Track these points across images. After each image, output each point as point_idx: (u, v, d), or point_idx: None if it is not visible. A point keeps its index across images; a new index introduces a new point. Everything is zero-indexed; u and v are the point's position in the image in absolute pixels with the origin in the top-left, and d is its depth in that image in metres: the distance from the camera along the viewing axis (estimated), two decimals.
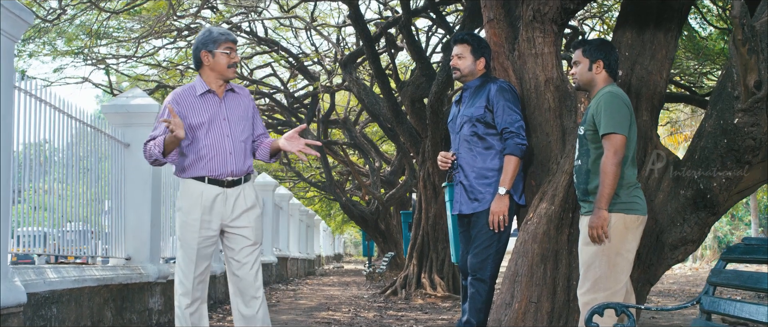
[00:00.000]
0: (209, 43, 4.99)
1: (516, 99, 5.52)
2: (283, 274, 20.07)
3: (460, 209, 5.61)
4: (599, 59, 4.84)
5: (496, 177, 5.46)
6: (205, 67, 5.03)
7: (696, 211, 5.19)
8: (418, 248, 13.41)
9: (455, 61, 5.67)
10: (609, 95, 4.70)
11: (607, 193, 4.57)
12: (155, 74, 19.98)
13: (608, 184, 4.56)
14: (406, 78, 17.21)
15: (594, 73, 4.86)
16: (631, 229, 4.64)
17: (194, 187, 5.01)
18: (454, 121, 5.75)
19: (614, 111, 4.62)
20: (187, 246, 5.01)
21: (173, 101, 4.98)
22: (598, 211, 4.59)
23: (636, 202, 4.69)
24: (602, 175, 4.58)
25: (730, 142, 4.89)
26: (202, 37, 5.03)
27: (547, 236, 5.35)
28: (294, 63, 18.41)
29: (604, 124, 4.62)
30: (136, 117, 8.55)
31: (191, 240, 4.99)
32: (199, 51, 5.01)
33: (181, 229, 5.03)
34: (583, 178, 4.80)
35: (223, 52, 4.99)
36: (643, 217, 4.71)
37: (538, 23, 5.67)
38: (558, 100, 5.68)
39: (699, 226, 5.20)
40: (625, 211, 4.64)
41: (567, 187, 5.38)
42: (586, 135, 4.78)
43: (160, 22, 14.91)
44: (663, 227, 5.30)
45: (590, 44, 4.90)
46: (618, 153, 4.57)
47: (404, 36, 13.34)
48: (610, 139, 4.60)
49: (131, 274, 7.91)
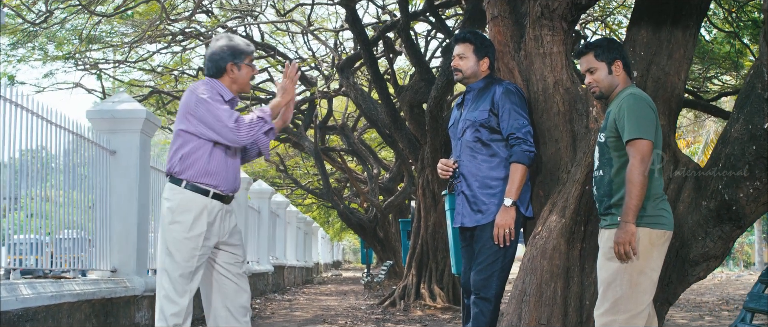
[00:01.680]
0: (237, 55, 4.80)
1: (523, 102, 5.10)
2: (279, 283, 19.84)
3: (462, 222, 5.18)
4: (617, 59, 4.44)
5: (502, 187, 5.03)
6: (226, 77, 4.82)
7: (720, 224, 4.77)
8: (417, 258, 13.21)
9: (457, 61, 5.24)
10: (632, 97, 4.29)
11: (635, 205, 4.15)
12: (149, 79, 19.70)
13: (635, 195, 4.14)
14: (404, 83, 17.04)
15: (615, 75, 4.45)
16: (656, 245, 4.24)
17: (197, 201, 4.71)
18: (455, 125, 5.33)
19: (639, 114, 4.22)
20: (183, 262, 4.70)
21: (214, 97, 4.68)
22: (625, 226, 4.18)
23: (662, 215, 4.28)
24: (628, 186, 4.17)
25: (759, 149, 4.49)
26: (228, 46, 4.80)
27: (558, 252, 4.91)
28: None
29: (629, 129, 4.21)
30: (122, 123, 8.25)
31: (190, 257, 4.70)
32: (226, 62, 4.78)
33: (178, 244, 4.70)
34: (605, 190, 4.39)
35: (248, 66, 4.84)
36: (669, 232, 4.30)
37: (547, 20, 5.23)
38: (568, 104, 5.23)
39: (722, 241, 4.77)
40: (650, 226, 4.23)
41: (579, 198, 4.96)
42: (608, 142, 4.37)
43: (152, 26, 14.62)
44: (683, 241, 4.87)
45: (599, 46, 4.49)
46: (645, 160, 4.16)
47: (403, 40, 13.18)
48: (635, 145, 4.19)
49: (116, 288, 7.55)
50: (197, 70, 18.10)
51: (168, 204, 4.74)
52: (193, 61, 19.14)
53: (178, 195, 4.71)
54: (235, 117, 4.61)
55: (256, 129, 4.68)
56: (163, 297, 4.70)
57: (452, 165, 5.25)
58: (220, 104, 4.65)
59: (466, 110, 5.23)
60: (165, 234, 4.75)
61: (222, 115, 4.60)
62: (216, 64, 4.80)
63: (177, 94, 19.00)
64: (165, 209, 4.76)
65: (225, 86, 4.80)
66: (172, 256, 4.70)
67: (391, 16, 15.72)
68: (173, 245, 4.70)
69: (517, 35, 5.46)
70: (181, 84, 19.73)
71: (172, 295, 4.68)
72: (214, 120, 4.61)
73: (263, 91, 20.37)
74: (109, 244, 8.06)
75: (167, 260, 4.71)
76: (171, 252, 4.70)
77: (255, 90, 19.98)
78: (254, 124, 4.67)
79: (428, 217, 13.02)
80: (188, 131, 4.69)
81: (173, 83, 19.28)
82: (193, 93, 4.68)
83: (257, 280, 16.12)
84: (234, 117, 4.61)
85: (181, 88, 19.66)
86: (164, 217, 4.77)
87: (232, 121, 4.59)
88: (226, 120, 4.59)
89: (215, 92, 4.71)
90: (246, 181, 15.17)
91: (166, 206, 4.75)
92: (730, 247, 4.85)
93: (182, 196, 4.70)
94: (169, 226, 4.72)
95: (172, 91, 19.10)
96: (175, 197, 4.72)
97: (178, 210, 4.70)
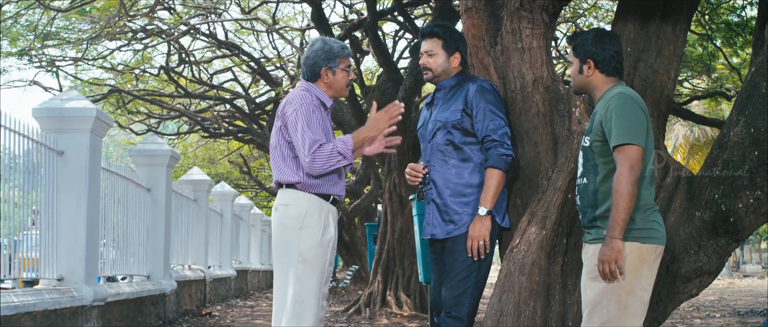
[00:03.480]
0: (331, 59, 4.72)
1: (499, 101, 4.66)
2: (242, 287, 19.44)
3: (432, 233, 4.73)
4: (589, 58, 4.00)
5: (476, 195, 4.58)
6: (321, 82, 4.75)
7: (715, 236, 4.35)
8: (383, 264, 12.94)
9: (425, 59, 4.79)
10: (620, 98, 3.86)
11: (622, 219, 3.72)
12: (110, 78, 19.22)
13: (623, 208, 3.71)
14: (371, 83, 16.77)
15: (585, 76, 4.03)
16: (647, 261, 3.81)
17: (321, 205, 4.65)
18: (424, 127, 4.89)
19: (627, 116, 3.79)
20: (320, 268, 4.61)
21: (313, 109, 4.62)
22: (611, 242, 3.75)
23: (653, 228, 3.85)
24: (615, 196, 3.74)
25: (761, 154, 4.10)
26: (322, 50, 4.72)
27: (538, 267, 4.47)
28: (256, 68, 17.83)
29: (616, 134, 3.78)
30: (71, 122, 7.78)
31: (324, 261, 4.63)
32: (320, 67, 4.72)
33: (314, 248, 4.60)
34: (589, 200, 3.95)
35: (344, 70, 4.76)
36: (661, 247, 3.87)
37: (526, 12, 4.78)
38: (548, 104, 4.79)
39: (717, 255, 4.35)
40: (640, 240, 3.80)
41: (560, 208, 4.52)
42: (593, 147, 3.94)
43: (110, 22, 14.16)
44: (674, 256, 4.45)
45: (582, 38, 4.06)
46: (635, 168, 3.72)
47: (370, 38, 12.91)
48: (624, 151, 3.76)
49: (61, 298, 7.07)
50: (159, 68, 17.64)
51: (293, 211, 4.63)
52: (155, 59, 18.69)
53: (301, 199, 4.63)
54: (315, 146, 4.52)
55: (331, 163, 4.55)
56: (307, 310, 4.56)
57: (422, 170, 4.81)
58: (312, 120, 4.56)
59: (437, 110, 4.79)
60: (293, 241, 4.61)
61: (305, 141, 4.53)
62: (311, 69, 4.74)
63: (138, 93, 18.55)
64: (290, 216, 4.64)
65: (323, 91, 4.74)
66: (306, 264, 4.58)
67: (358, 15, 15.43)
68: (308, 251, 4.59)
69: (492, 28, 4.99)
70: (142, 83, 19.30)
71: (312, 303, 4.57)
72: (298, 142, 4.56)
73: (227, 91, 19.95)
74: (56, 251, 7.58)
75: (304, 269, 4.58)
76: (304, 260, 4.58)
77: (219, 90, 19.59)
78: (331, 158, 4.55)
79: (395, 221, 12.78)
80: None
81: (134, 82, 18.80)
82: (291, 104, 4.62)
83: (219, 286, 15.72)
84: (314, 146, 4.52)
85: (142, 87, 19.26)
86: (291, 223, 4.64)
87: (311, 151, 4.51)
88: (305, 147, 4.53)
89: (314, 99, 4.66)
90: (207, 183, 14.72)
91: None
92: (724, 262, 4.44)
93: (309, 201, 4.64)
94: (299, 231, 4.60)
95: (132, 90, 18.61)
96: (298, 202, 4.63)
97: (305, 215, 4.62)
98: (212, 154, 27.58)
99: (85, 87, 18.84)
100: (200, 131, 21.82)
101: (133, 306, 9.44)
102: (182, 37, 16.42)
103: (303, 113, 4.55)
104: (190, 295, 13.03)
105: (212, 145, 26.68)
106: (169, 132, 24.21)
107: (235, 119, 21.63)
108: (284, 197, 4.67)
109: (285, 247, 4.63)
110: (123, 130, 21.88)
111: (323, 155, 4.50)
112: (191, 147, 26.49)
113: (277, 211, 4.69)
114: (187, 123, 21.92)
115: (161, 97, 19.26)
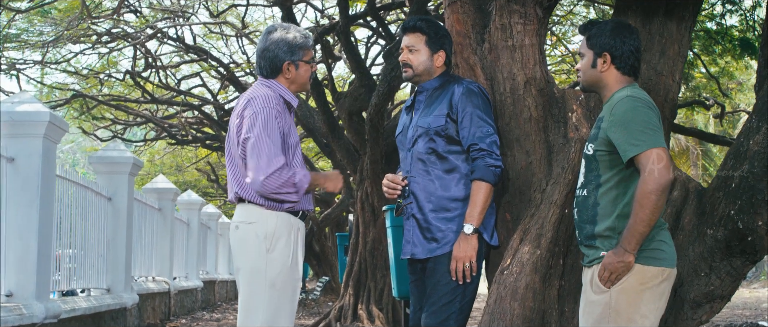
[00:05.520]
0: (294, 51, 4.20)
1: (488, 106, 4.20)
2: (210, 299, 19.04)
3: (412, 252, 4.27)
4: (605, 52, 3.55)
5: (461, 210, 4.13)
6: (282, 77, 4.23)
7: (729, 257, 3.93)
8: (354, 276, 12.57)
9: (405, 55, 4.32)
10: (629, 101, 3.40)
11: (640, 232, 3.27)
12: (73, 82, 18.73)
13: (642, 220, 3.25)
14: (343, 90, 16.48)
15: (599, 71, 3.57)
16: (650, 286, 3.35)
17: (290, 223, 4.16)
18: (404, 133, 4.41)
19: (639, 119, 3.34)
20: (290, 293, 4.16)
21: (276, 114, 4.09)
22: (622, 254, 3.32)
23: (660, 248, 3.40)
24: (636, 207, 3.29)
25: None
26: (283, 40, 4.20)
27: (532, 291, 4.01)
28: (224, 73, 17.47)
29: (631, 143, 3.34)
30: (22, 127, 7.30)
31: (294, 287, 4.18)
32: (282, 61, 4.18)
33: (283, 274, 4.11)
34: (588, 214, 3.50)
35: (307, 63, 4.25)
36: (669, 270, 3.42)
37: (518, 6, 4.32)
38: (542, 108, 4.35)
39: (731, 278, 3.92)
40: (642, 261, 3.35)
41: (556, 225, 4.07)
42: (597, 156, 3.49)
43: (72, 24, 13.69)
44: (682, 278, 4.02)
45: (598, 29, 3.60)
46: (664, 172, 3.27)
47: (342, 43, 12.60)
48: (649, 157, 3.30)
49: (9, 317, 6.58)
50: (125, 73, 17.19)
51: (261, 231, 4.12)
52: (121, 63, 18.25)
53: (268, 218, 4.13)
54: (273, 167, 3.99)
55: (281, 192, 4.05)
56: None
57: (401, 182, 4.33)
58: (274, 130, 4.04)
59: (418, 115, 4.32)
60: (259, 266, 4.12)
61: (261, 154, 4.01)
62: (271, 63, 4.19)
63: (103, 98, 18.08)
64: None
65: (285, 88, 4.22)
66: (276, 288, 4.10)
67: (329, 20, 15.10)
68: (277, 275, 4.11)
69: (479, 24, 4.52)
70: (108, 88, 18.84)
71: None
72: (253, 152, 4.03)
73: (195, 97, 19.54)
74: (4, 265, 7.09)
75: (273, 295, 4.09)
76: (273, 284, 4.09)
77: (187, 96, 19.18)
78: (284, 187, 4.04)
79: (367, 232, 12.41)
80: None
81: (99, 87, 18.32)
82: (252, 104, 4.08)
83: (184, 298, 15.28)
84: (272, 166, 3.99)
85: (108, 92, 18.81)
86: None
87: (268, 170, 3.99)
88: (261, 162, 4.00)
89: (279, 100, 4.14)
90: (172, 192, 14.26)
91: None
92: (738, 285, 4.02)
93: (277, 219, 4.13)
94: (267, 254, 4.10)
95: (97, 95, 18.14)
96: (264, 221, 4.13)
97: (273, 236, 4.13)
98: (179, 161, 27.18)
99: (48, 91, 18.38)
100: (167, 138, 21.44)
101: (91, 322, 8.97)
102: (149, 40, 16.03)
103: (263, 118, 4.04)
104: (153, 309, 12.59)
105: (180, 153, 26.28)
106: (135, 139, 23.70)
107: (203, 126, 21.25)
108: (247, 213, 4.16)
109: (251, 273, 4.12)
110: (88, 137, 21.39)
111: (279, 181, 4.01)
112: (158, 154, 26.08)
113: (238, 230, 4.18)
114: (154, 129, 21.52)
115: (127, 103, 18.90)
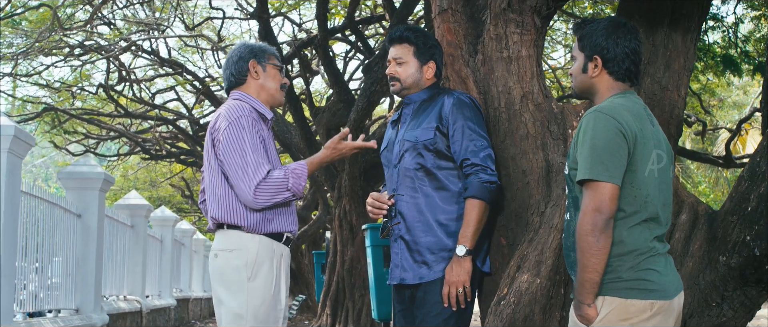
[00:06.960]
0: (258, 53, 4.01)
1: (480, 118, 3.93)
2: (183, 317, 18.65)
3: (401, 277, 3.95)
4: (596, 54, 3.14)
5: (453, 230, 3.83)
6: (251, 83, 3.98)
7: (743, 286, 3.64)
8: (332, 296, 12.43)
9: (393, 67, 4.03)
10: (591, 118, 2.98)
11: (589, 280, 2.89)
12: (45, 95, 18.43)
13: (585, 266, 2.88)
14: (321, 105, 16.31)
15: (589, 76, 3.17)
16: (635, 323, 2.92)
17: (272, 249, 3.89)
18: (390, 148, 4.12)
19: (598, 143, 2.92)
20: (273, 323, 3.88)
21: (253, 122, 3.83)
22: (578, 305, 2.94)
23: (646, 279, 2.95)
24: (578, 251, 2.91)
25: None
26: (245, 45, 4.05)
27: (531, 323, 3.70)
28: (200, 87, 17.22)
29: (582, 166, 2.94)
30: None
31: (278, 317, 3.90)
32: (247, 61, 3.97)
33: (266, 304, 3.84)
34: (570, 240, 3.13)
35: (274, 66, 4.04)
36: (660, 302, 2.95)
37: (514, 14, 4.04)
38: (540, 124, 4.05)
39: (745, 308, 3.63)
40: (623, 295, 2.93)
41: (557, 251, 3.77)
42: (572, 175, 3.11)
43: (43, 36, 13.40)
44: (692, 309, 3.73)
45: (592, 28, 3.18)
46: (601, 212, 2.86)
47: (320, 56, 12.41)
48: (589, 189, 2.92)
49: None
50: (98, 86, 16.89)
51: (241, 258, 3.85)
52: (94, 77, 17.93)
53: (247, 243, 3.86)
54: (259, 175, 3.73)
55: (277, 198, 3.79)
56: None
57: (387, 201, 4.02)
58: (254, 138, 3.78)
59: (405, 128, 4.03)
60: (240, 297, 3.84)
61: (246, 166, 3.76)
62: (237, 68, 3.99)
63: (75, 112, 17.77)
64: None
65: (255, 98, 3.97)
66: (259, 321, 3.84)
67: (307, 34, 14.92)
68: (259, 308, 3.83)
69: (472, 34, 4.22)
70: (80, 101, 18.54)
71: None
72: (236, 166, 3.77)
73: (170, 111, 19.25)
74: None
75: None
76: (256, 316, 3.82)
77: (161, 110, 18.92)
78: (278, 193, 3.78)
79: (345, 251, 12.24)
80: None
81: (71, 100, 18.02)
82: (225, 116, 3.82)
83: (157, 316, 14.89)
84: (258, 175, 3.73)
85: (80, 106, 18.52)
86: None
87: (255, 180, 3.73)
88: (247, 175, 3.74)
89: (251, 111, 3.87)
90: (145, 208, 13.91)
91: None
92: (752, 316, 3.75)
93: (260, 245, 3.86)
94: (247, 284, 3.83)
95: (69, 108, 17.82)
96: (243, 246, 3.86)
97: (255, 264, 3.85)
98: (154, 176, 26.85)
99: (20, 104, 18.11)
100: (141, 153, 21.13)
101: None
102: (123, 53, 15.76)
103: (238, 128, 3.77)
104: None
105: (154, 168, 25.96)
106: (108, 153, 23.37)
107: (177, 141, 21.00)
108: (226, 241, 3.87)
109: (231, 304, 3.83)
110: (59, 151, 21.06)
111: (270, 188, 3.74)
112: (132, 169, 25.75)
113: (217, 258, 3.88)
114: (128, 144, 21.26)
115: (100, 117, 18.63)
